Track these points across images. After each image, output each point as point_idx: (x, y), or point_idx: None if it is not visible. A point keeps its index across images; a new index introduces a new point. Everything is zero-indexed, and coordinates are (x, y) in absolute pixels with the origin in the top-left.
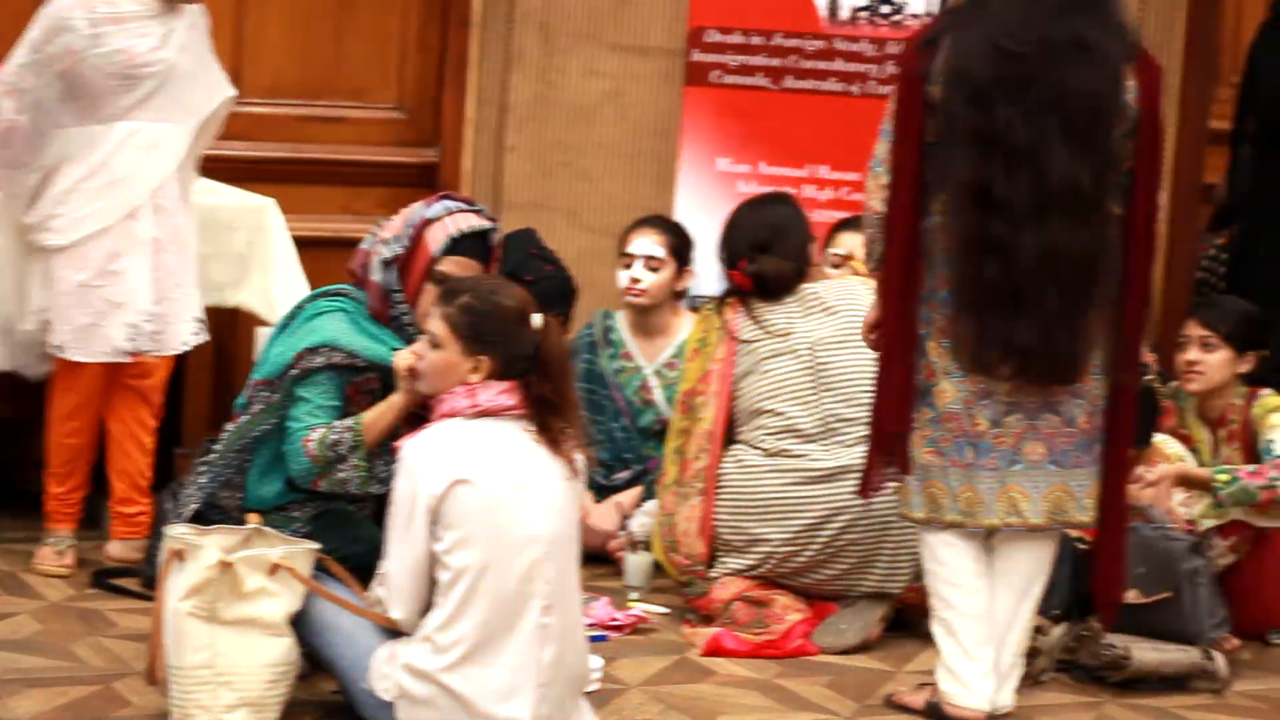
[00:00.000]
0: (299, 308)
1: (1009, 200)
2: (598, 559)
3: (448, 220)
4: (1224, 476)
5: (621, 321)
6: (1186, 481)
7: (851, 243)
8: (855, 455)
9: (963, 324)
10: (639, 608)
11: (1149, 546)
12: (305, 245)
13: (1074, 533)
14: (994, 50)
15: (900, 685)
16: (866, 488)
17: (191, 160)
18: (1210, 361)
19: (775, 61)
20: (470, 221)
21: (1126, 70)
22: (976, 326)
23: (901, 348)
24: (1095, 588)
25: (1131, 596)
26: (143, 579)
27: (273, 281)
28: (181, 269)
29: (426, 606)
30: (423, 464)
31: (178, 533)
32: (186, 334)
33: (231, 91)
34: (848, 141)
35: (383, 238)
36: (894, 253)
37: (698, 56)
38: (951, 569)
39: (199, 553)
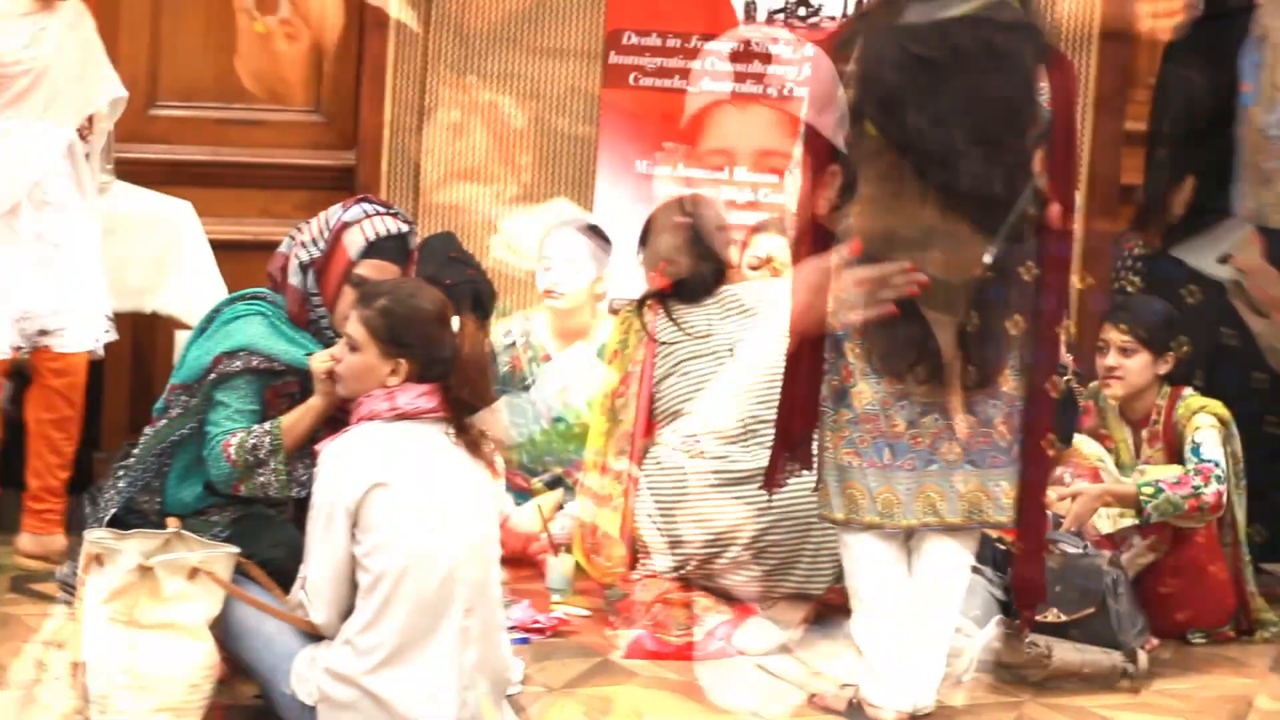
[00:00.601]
0: (216, 311)
1: (920, 205)
2: (519, 562)
3: (365, 223)
4: (1149, 490)
5: (541, 324)
6: (1111, 500)
7: (770, 244)
8: None
9: (876, 328)
10: (560, 610)
11: (1067, 565)
12: (224, 248)
13: (994, 533)
14: (905, 55)
15: (822, 686)
16: (770, 484)
17: (92, 159)
18: (1130, 366)
19: (692, 64)
20: (388, 225)
21: (1039, 72)
22: (889, 331)
23: (808, 348)
24: (1015, 588)
25: (1052, 616)
26: (62, 583)
27: (190, 285)
28: (82, 266)
29: (347, 610)
30: (342, 467)
31: (97, 537)
32: (98, 331)
33: (120, 92)
34: (765, 144)
35: (301, 241)
36: (804, 255)
37: (615, 59)
38: (871, 570)
39: (118, 557)
